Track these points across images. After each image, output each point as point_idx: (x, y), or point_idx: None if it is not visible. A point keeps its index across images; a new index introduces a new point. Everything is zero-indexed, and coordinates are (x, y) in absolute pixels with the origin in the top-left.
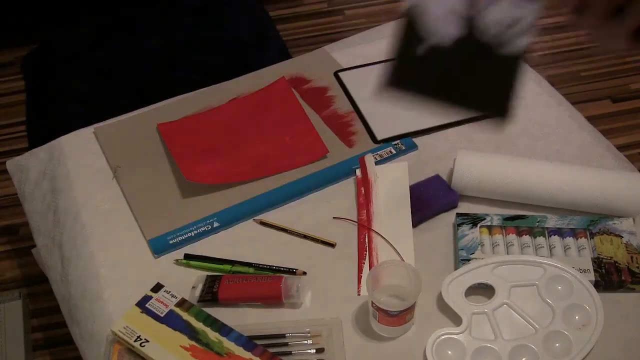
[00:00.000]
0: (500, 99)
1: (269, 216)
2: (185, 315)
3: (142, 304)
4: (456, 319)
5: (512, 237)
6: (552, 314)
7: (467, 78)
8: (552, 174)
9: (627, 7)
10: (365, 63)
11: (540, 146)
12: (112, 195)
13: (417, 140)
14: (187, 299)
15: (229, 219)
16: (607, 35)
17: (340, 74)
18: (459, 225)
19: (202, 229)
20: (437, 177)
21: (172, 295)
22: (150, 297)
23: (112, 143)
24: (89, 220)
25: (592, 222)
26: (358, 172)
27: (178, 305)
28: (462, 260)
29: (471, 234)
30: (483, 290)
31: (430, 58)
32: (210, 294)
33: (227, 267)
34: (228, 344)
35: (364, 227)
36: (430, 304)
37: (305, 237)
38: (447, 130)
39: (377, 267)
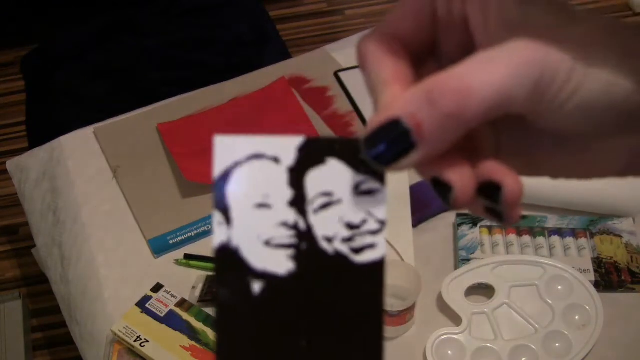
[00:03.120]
0: (362, 346)
1: None
2: (185, 315)
3: (142, 304)
4: (456, 319)
5: (512, 237)
6: (552, 314)
7: (313, 328)
8: None
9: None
10: None
11: None
12: (112, 195)
13: None
14: (187, 299)
15: None
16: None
17: (340, 74)
18: (459, 225)
19: (202, 229)
20: None
21: (172, 295)
22: (150, 297)
23: (112, 143)
24: (89, 220)
25: (592, 222)
26: None
27: (178, 305)
28: (462, 260)
29: (471, 234)
30: (483, 290)
31: (266, 307)
32: (210, 294)
33: None
34: None
35: None
36: (430, 304)
37: None
38: None
39: None
